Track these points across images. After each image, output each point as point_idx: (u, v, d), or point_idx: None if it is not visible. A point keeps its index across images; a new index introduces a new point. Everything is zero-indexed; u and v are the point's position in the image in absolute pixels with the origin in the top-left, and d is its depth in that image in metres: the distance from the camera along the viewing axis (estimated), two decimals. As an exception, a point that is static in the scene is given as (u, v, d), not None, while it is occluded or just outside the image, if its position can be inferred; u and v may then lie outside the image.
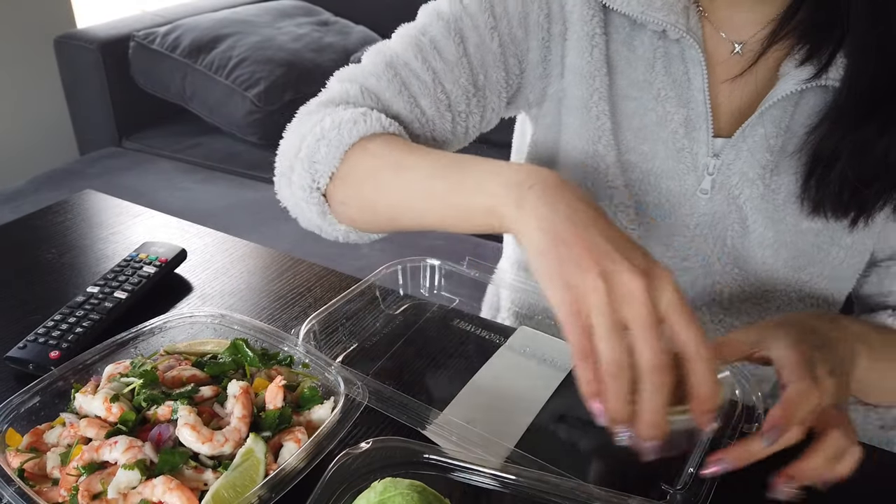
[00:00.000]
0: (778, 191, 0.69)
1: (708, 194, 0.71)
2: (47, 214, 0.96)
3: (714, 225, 0.72)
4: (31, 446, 0.53)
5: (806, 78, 0.64)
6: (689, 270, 0.75)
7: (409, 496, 0.45)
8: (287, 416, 0.54)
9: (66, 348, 0.66)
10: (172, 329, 0.65)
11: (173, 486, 0.47)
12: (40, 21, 2.23)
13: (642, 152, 0.72)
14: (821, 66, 0.64)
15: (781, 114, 0.67)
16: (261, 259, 0.87)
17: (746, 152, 0.69)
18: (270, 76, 2.14)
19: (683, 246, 0.74)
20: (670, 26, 0.66)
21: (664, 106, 0.70)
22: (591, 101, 0.72)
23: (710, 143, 0.70)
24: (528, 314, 0.79)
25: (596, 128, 0.72)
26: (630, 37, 0.70)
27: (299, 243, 1.69)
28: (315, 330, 0.66)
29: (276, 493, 0.48)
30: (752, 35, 0.68)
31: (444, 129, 0.73)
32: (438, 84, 0.70)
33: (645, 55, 0.70)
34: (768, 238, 0.71)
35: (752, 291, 0.75)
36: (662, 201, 0.73)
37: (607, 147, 0.73)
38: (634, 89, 0.71)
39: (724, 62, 0.70)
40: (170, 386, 0.56)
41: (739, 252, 0.73)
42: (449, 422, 0.58)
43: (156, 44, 2.19)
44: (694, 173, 0.71)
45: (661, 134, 0.71)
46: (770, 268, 0.73)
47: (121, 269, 0.77)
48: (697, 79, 0.68)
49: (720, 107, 0.70)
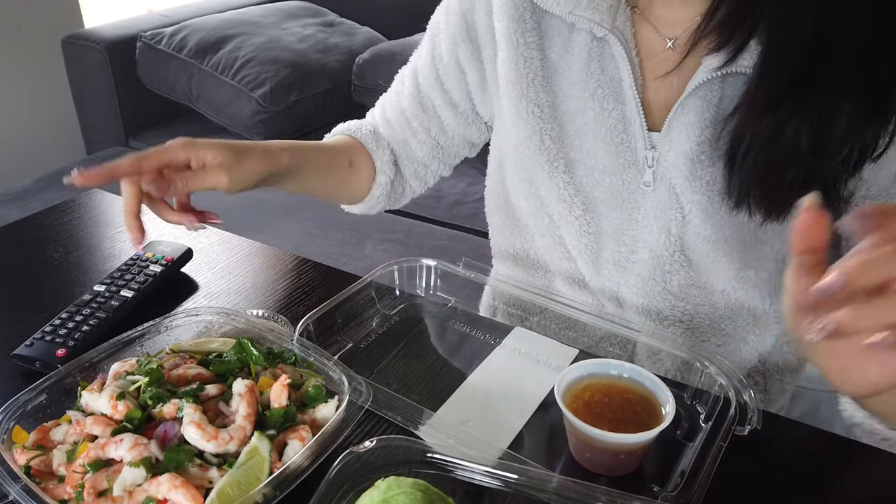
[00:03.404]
0: (713, 183, 0.69)
1: (651, 186, 0.72)
2: (54, 213, 0.97)
3: (658, 216, 0.73)
4: (37, 443, 0.53)
5: (718, 65, 0.65)
6: (640, 263, 0.76)
7: (413, 495, 0.45)
8: (292, 415, 0.55)
9: (72, 346, 0.66)
10: (178, 327, 0.65)
11: (178, 483, 0.47)
12: (48, 21, 2.24)
13: (585, 149, 0.74)
14: (732, 53, 0.64)
15: (704, 104, 0.67)
16: (266, 258, 0.88)
17: (675, 144, 0.69)
18: (276, 77, 2.15)
19: (632, 239, 0.75)
20: (595, 25, 0.69)
21: (601, 103, 0.72)
22: (521, 104, 0.76)
23: (646, 136, 0.71)
24: (524, 315, 0.79)
25: (529, 129, 0.76)
26: (568, 38, 0.73)
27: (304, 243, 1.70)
28: (311, 329, 0.66)
29: (280, 491, 0.48)
30: (683, 31, 0.70)
31: (410, 140, 0.90)
32: (399, 107, 0.90)
33: (580, 55, 0.73)
34: (706, 230, 0.71)
35: (701, 280, 0.75)
36: (608, 196, 0.75)
37: (549, 148, 0.76)
38: (575, 89, 0.74)
39: (658, 58, 0.71)
40: (175, 384, 0.57)
41: (684, 242, 0.73)
42: (442, 422, 0.58)
43: (162, 44, 2.20)
44: (634, 167, 0.72)
45: (601, 130, 0.73)
46: (713, 260, 0.73)
47: (127, 268, 0.78)
48: (626, 76, 0.70)
49: (653, 102, 0.72)
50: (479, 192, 1.95)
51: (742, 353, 0.79)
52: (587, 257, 0.78)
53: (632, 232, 0.75)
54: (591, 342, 0.76)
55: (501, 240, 0.88)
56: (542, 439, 0.60)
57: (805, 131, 0.61)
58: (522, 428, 0.60)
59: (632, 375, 0.59)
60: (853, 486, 0.57)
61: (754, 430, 0.56)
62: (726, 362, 0.63)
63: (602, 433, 0.52)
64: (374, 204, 0.91)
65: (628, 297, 0.78)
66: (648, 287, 0.76)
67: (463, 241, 1.69)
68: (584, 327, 0.73)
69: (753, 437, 0.56)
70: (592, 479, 0.55)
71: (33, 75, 2.24)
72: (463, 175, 2.06)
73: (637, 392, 0.58)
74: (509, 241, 0.87)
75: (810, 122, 0.60)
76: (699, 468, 0.52)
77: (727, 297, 0.75)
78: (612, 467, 0.55)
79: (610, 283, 0.78)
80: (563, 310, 0.72)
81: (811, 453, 0.60)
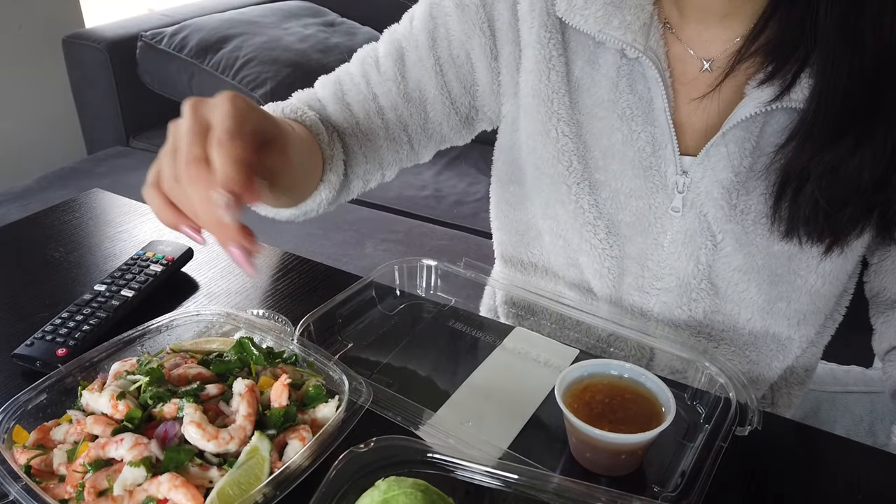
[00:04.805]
0: (747, 212, 0.67)
1: (680, 212, 0.70)
2: (55, 213, 0.97)
3: (687, 243, 0.71)
4: (37, 443, 0.53)
5: (768, 100, 0.62)
6: (665, 290, 0.74)
7: (413, 495, 0.45)
8: (292, 415, 0.55)
9: (73, 346, 0.66)
10: (179, 327, 0.65)
11: (179, 483, 0.47)
12: (48, 21, 2.24)
13: (611, 171, 0.71)
14: (784, 87, 0.61)
15: (746, 134, 0.65)
16: (266, 258, 0.88)
17: (710, 171, 0.67)
18: (277, 76, 2.15)
19: (657, 265, 0.73)
20: (627, 46, 0.66)
21: (629, 125, 0.69)
22: (550, 122, 0.72)
23: (678, 161, 0.68)
24: (524, 315, 0.79)
25: (557, 149, 0.72)
26: (594, 55, 0.70)
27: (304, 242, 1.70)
28: (311, 329, 0.66)
29: (280, 491, 0.48)
30: (720, 52, 0.67)
31: (377, 134, 0.77)
32: (371, 93, 0.77)
33: (608, 74, 0.69)
34: (738, 260, 0.69)
35: (726, 309, 0.73)
36: (634, 220, 0.72)
37: (572, 167, 0.72)
38: (600, 108, 0.70)
39: (693, 80, 0.68)
40: (176, 384, 0.56)
41: (713, 270, 0.71)
42: (443, 422, 0.58)
43: (163, 44, 2.20)
44: (664, 191, 0.70)
45: (628, 153, 0.70)
46: (743, 290, 0.71)
47: (128, 268, 0.78)
48: (658, 98, 0.67)
49: (687, 125, 0.69)
50: (479, 191, 1.95)
51: (766, 377, 0.78)
52: (609, 281, 0.76)
53: (657, 257, 0.73)
54: (592, 342, 0.76)
55: (507, 250, 0.86)
56: (542, 439, 0.60)
57: (867, 165, 0.59)
58: (522, 428, 0.60)
59: (632, 376, 0.59)
60: (853, 486, 0.57)
61: (754, 430, 0.56)
62: (727, 362, 0.63)
63: (602, 433, 0.52)
64: (313, 208, 0.75)
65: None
66: (672, 313, 0.75)
67: (463, 240, 1.69)
68: (585, 328, 0.73)
69: (753, 437, 0.56)
70: (592, 480, 0.55)
71: (34, 75, 2.24)
72: (463, 175, 2.06)
73: (637, 392, 0.58)
74: (517, 252, 0.84)
75: (873, 155, 0.58)
76: (699, 468, 0.52)
77: (752, 325, 0.74)
78: (612, 467, 0.55)
79: (631, 308, 0.77)
80: (563, 310, 0.72)
81: (811, 454, 0.60)
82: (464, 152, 2.10)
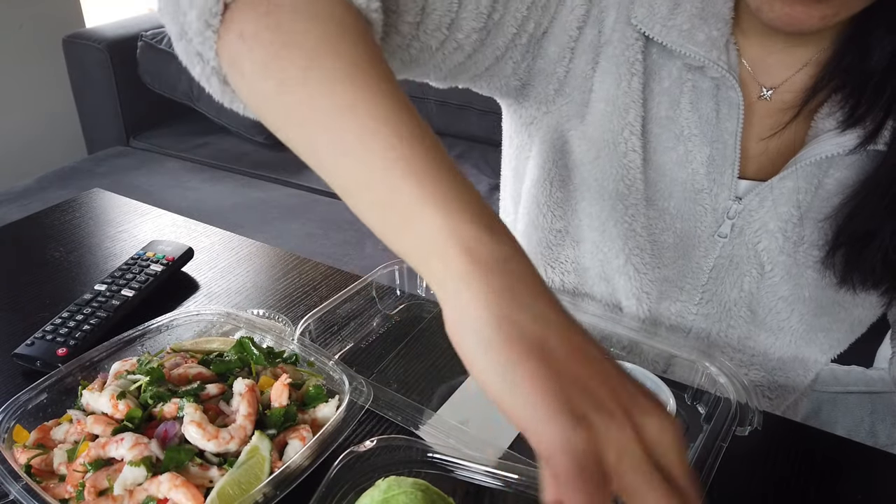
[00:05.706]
0: (800, 243, 0.65)
1: (727, 238, 0.66)
2: (55, 213, 0.97)
3: (731, 270, 0.68)
4: (38, 443, 0.53)
5: (852, 146, 0.58)
6: (703, 317, 0.72)
7: (413, 495, 0.45)
8: (292, 414, 0.55)
9: (73, 345, 0.66)
10: (179, 327, 0.65)
11: (179, 482, 0.47)
12: (49, 20, 2.25)
13: (660, 190, 0.68)
14: (867, 133, 0.57)
15: (816, 171, 0.62)
16: (267, 258, 0.88)
17: (770, 203, 0.64)
18: (277, 76, 2.15)
19: (696, 290, 0.71)
20: (712, 63, 0.60)
21: (686, 145, 0.65)
22: (622, 135, 0.66)
23: (734, 186, 0.65)
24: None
25: (623, 164, 0.66)
26: (656, 65, 0.64)
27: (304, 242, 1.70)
28: (311, 329, 0.66)
29: (280, 491, 0.48)
30: (783, 80, 0.63)
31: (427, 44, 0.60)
32: None
33: (670, 90, 0.64)
34: (784, 290, 0.67)
35: (761, 337, 0.71)
36: (676, 242, 0.69)
37: (634, 186, 0.67)
38: (656, 125, 0.66)
39: (752, 104, 0.64)
40: (176, 383, 0.57)
41: (756, 298, 0.69)
42: (442, 422, 0.58)
43: (163, 43, 2.20)
44: (713, 216, 0.66)
45: (680, 174, 0.66)
46: (784, 318, 0.69)
47: (128, 268, 0.78)
48: (731, 121, 0.62)
49: (743, 150, 0.65)
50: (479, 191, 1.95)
51: (787, 396, 0.76)
52: (646, 304, 0.73)
53: (696, 282, 0.70)
54: None
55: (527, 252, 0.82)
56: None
57: None
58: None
59: (632, 375, 0.59)
60: (853, 486, 0.57)
61: (754, 430, 0.56)
62: (727, 362, 0.63)
63: None
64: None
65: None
66: (706, 338, 0.73)
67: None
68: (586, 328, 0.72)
69: (753, 437, 0.56)
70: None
71: (34, 75, 2.25)
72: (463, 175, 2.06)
73: None
74: (534, 256, 0.80)
75: None
76: (699, 468, 0.51)
77: (784, 352, 0.72)
78: None
79: (666, 327, 0.75)
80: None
81: (811, 454, 0.60)
82: (464, 152, 2.10)
